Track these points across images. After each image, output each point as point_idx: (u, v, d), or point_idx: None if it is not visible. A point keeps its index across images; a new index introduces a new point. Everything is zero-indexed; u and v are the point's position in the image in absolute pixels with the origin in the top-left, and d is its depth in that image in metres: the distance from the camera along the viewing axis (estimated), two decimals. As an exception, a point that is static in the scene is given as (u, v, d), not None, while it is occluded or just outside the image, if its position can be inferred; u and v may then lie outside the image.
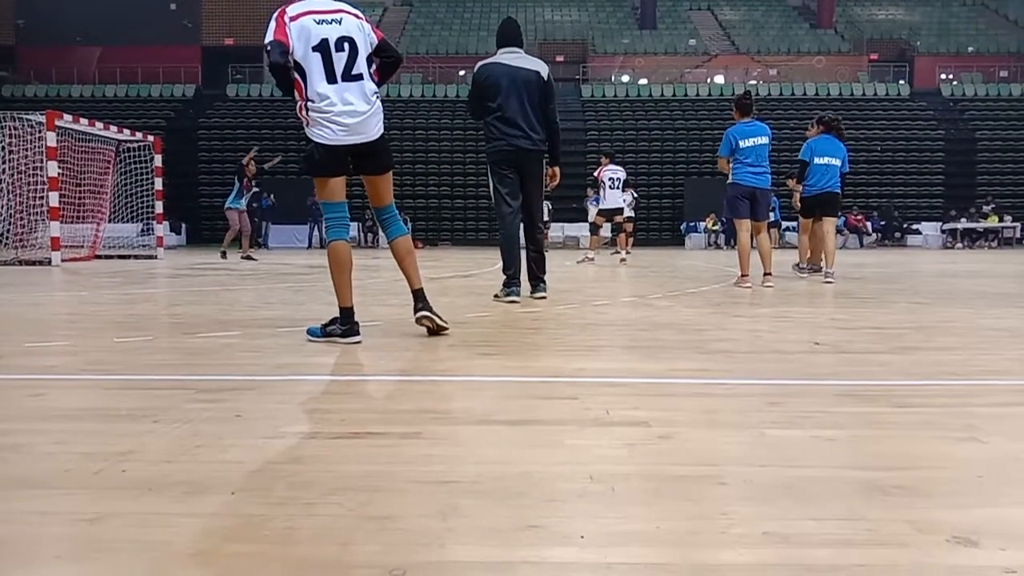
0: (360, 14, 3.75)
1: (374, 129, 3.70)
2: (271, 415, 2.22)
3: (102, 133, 14.76)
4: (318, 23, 3.59)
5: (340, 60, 3.60)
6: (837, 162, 8.45)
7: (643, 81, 31.59)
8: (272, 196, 24.26)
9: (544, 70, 5.76)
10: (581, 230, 25.56)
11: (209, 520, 1.40)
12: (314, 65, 3.58)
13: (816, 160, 8.50)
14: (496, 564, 1.22)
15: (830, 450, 1.87)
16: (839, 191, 8.53)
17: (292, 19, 3.58)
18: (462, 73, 31.34)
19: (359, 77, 3.65)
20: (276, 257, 16.33)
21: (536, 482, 1.61)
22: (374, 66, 3.77)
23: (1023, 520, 1.43)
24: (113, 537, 1.33)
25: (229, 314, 4.96)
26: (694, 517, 1.42)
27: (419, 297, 3.89)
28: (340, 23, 3.63)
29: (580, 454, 1.82)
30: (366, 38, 3.70)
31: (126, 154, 16.02)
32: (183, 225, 26.14)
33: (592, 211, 14.30)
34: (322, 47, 3.58)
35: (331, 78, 3.59)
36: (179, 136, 26.92)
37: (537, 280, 6.02)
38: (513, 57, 5.78)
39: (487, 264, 12.57)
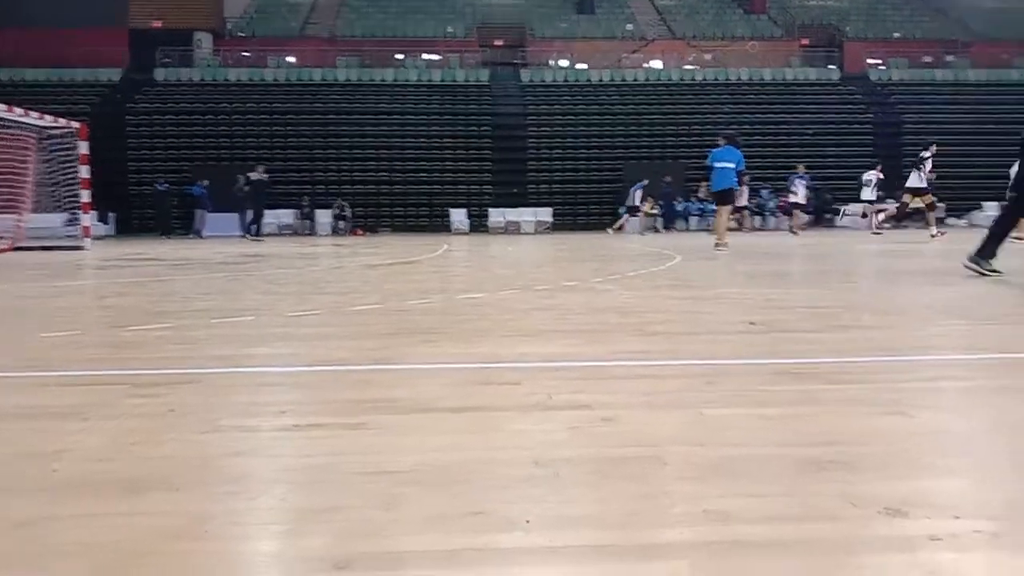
0: None
1: None
2: (208, 409, 2.17)
3: (21, 119, 14.13)
4: None
5: None
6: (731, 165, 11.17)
7: (582, 66, 31.69)
8: (206, 181, 23.63)
9: None
10: (522, 215, 25.62)
11: (148, 519, 1.36)
12: None
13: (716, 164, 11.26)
14: (441, 552, 1.22)
15: (766, 428, 1.92)
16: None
17: None
18: (399, 57, 30.95)
19: None
20: (210, 246, 15.95)
21: (480, 468, 1.61)
22: None
23: (948, 491, 1.50)
24: (47, 541, 1.28)
25: (161, 306, 4.83)
26: (637, 497, 1.44)
27: None
28: None
29: (524, 439, 1.83)
30: None
31: (48, 141, 15.38)
32: (111, 215, 25.27)
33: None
34: None
35: None
36: (106, 122, 25.89)
37: None
38: None
39: (427, 251, 12.50)
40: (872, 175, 17.81)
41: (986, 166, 21.05)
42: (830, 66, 31.73)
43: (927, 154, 14.15)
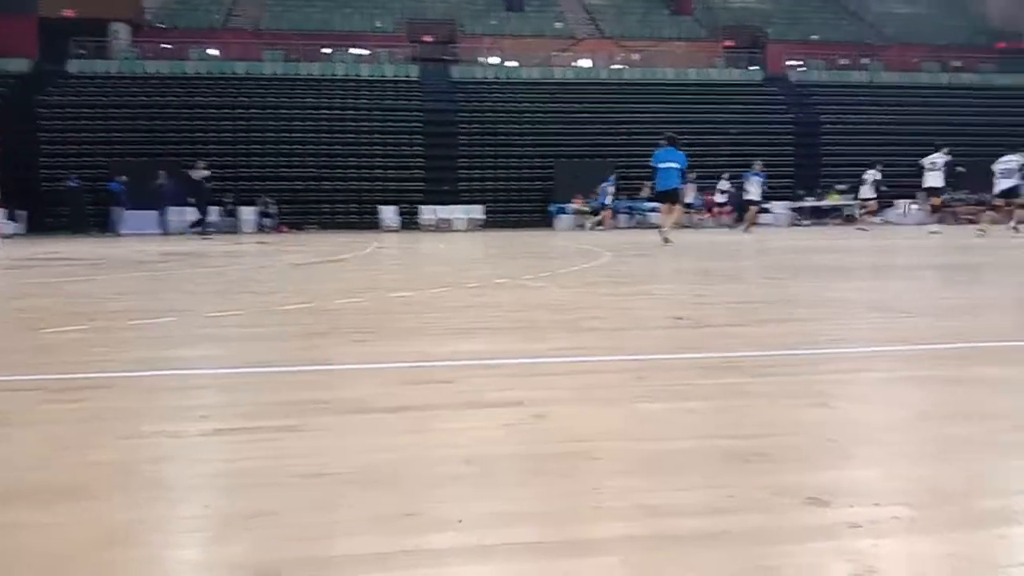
0: None
1: None
2: (129, 414, 2.10)
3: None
4: None
5: None
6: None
7: (512, 63, 31.76)
8: (124, 177, 22.80)
9: None
10: (453, 212, 25.54)
11: (68, 528, 1.31)
12: None
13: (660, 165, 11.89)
14: (372, 555, 1.20)
15: (694, 421, 1.95)
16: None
17: None
18: (326, 51, 30.43)
19: None
20: (128, 244, 15.40)
21: (412, 469, 1.60)
22: None
23: (867, 479, 1.55)
24: (-51, 556, 1.21)
25: (78, 307, 4.65)
26: (569, 493, 1.45)
27: None
28: None
29: (456, 437, 1.82)
30: None
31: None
32: (22, 212, 24.14)
33: None
34: None
35: None
36: (14, 116, 24.73)
37: None
38: None
39: (356, 249, 12.36)
40: (872, 174, 18.81)
41: (900, 165, 21.90)
42: (752, 67, 32.58)
43: (943, 158, 14.96)
